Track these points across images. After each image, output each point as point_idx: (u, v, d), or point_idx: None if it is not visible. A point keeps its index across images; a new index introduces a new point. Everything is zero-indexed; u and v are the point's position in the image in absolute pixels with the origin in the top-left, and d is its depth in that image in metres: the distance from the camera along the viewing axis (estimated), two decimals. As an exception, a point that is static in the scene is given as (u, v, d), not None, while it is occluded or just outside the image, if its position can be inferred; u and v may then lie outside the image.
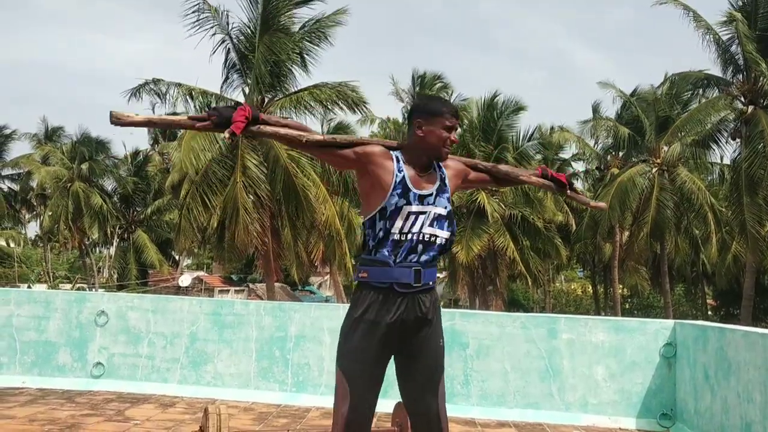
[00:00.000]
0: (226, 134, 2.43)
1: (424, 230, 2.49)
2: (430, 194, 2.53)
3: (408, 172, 2.52)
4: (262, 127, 2.54)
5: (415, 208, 2.49)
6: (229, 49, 17.61)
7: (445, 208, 2.56)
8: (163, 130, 35.97)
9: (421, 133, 2.53)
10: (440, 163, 2.63)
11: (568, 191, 3.02)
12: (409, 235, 2.46)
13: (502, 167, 2.97)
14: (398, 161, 2.53)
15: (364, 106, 18.05)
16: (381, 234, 2.46)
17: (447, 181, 2.61)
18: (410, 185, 2.50)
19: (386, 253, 2.46)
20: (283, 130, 2.57)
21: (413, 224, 2.48)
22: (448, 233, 2.55)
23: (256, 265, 32.59)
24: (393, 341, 2.50)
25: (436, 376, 2.58)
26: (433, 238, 2.51)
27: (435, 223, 2.52)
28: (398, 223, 2.46)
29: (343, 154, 2.55)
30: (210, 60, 21.50)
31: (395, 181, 2.48)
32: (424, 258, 2.49)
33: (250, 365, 5.98)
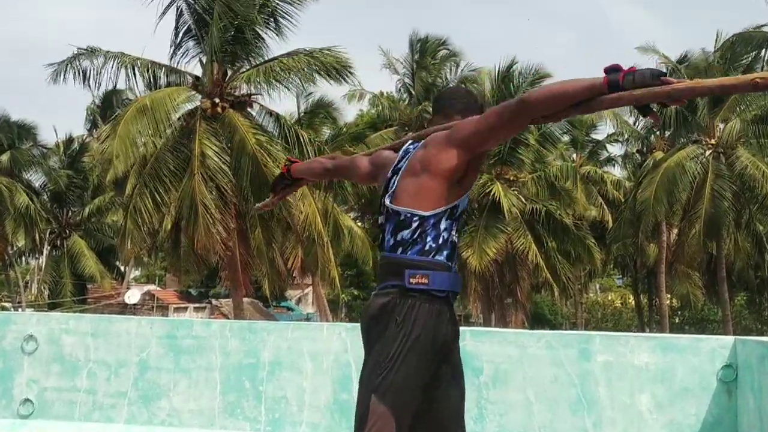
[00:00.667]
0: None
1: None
2: None
3: None
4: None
5: None
6: (181, 9, 17.59)
7: None
8: (102, 111, 35.87)
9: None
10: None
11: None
12: (457, 240, 2.71)
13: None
14: None
15: (349, 73, 17.99)
16: (445, 235, 2.62)
17: None
18: None
19: (444, 258, 2.62)
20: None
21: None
22: None
23: (220, 276, 32.62)
24: (435, 366, 2.59)
25: (463, 406, 2.70)
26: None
27: None
28: (456, 226, 2.70)
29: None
30: (157, 25, 21.41)
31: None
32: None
33: (213, 400, 5.97)
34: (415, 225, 2.60)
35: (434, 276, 2.54)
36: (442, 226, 2.60)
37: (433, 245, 2.58)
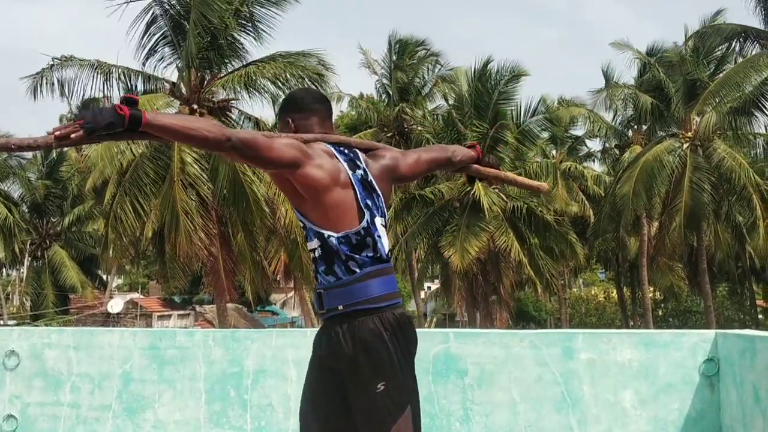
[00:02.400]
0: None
1: None
2: None
3: None
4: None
5: None
6: (156, 15, 17.49)
7: None
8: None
9: None
10: None
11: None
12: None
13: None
14: None
15: (326, 79, 17.97)
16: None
17: None
18: None
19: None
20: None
21: None
22: None
23: (203, 282, 32.45)
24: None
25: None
26: None
27: None
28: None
29: None
30: (133, 31, 21.22)
31: None
32: None
33: (198, 410, 5.94)
34: None
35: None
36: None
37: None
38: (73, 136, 2.30)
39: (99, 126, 2.30)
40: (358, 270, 2.64)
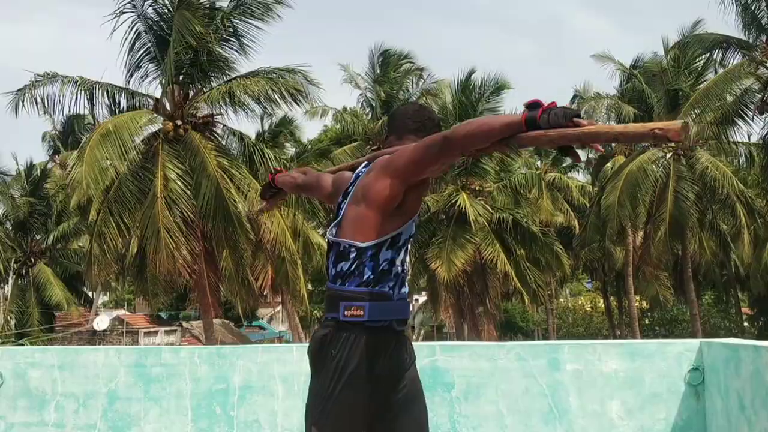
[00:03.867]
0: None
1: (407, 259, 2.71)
2: None
3: None
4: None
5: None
6: (139, 32, 17.48)
7: None
8: (64, 137, 35.55)
9: None
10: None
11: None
12: (403, 267, 2.67)
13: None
14: None
15: (308, 96, 17.96)
16: (385, 266, 2.59)
17: None
18: None
19: (387, 289, 2.60)
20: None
21: (407, 254, 2.71)
22: None
23: (190, 298, 32.30)
24: (379, 397, 2.57)
25: (422, 428, 2.67)
26: (408, 268, 2.74)
27: None
28: (402, 255, 2.65)
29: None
30: (117, 47, 21.32)
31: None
32: (405, 290, 2.70)
33: (185, 427, 5.91)
34: (353, 257, 2.58)
35: (371, 307, 2.52)
36: (383, 256, 2.57)
37: (372, 276, 2.55)
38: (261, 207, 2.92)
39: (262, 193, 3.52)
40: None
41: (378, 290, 2.55)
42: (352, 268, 2.57)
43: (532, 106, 2.26)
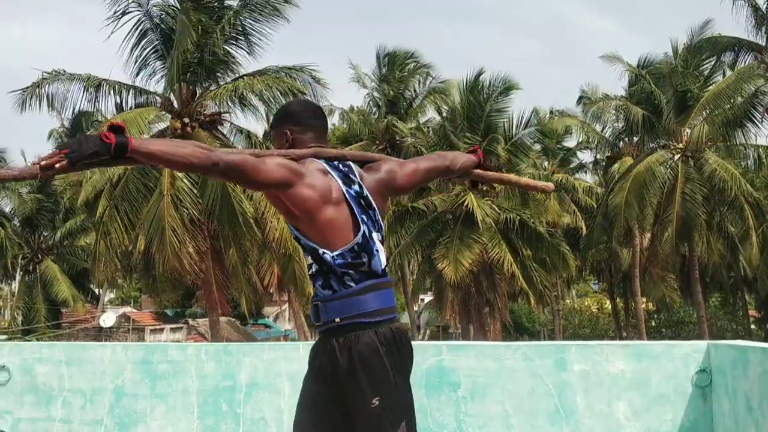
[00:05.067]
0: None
1: None
2: None
3: None
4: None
5: None
6: (146, 30, 17.51)
7: None
8: (72, 134, 35.59)
9: None
10: None
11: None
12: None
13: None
14: None
15: (308, 96, 17.96)
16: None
17: None
18: None
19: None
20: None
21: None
22: None
23: (196, 296, 32.35)
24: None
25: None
26: None
27: None
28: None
29: None
30: (123, 45, 21.28)
31: None
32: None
33: (191, 424, 5.92)
34: None
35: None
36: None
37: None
38: (57, 165, 2.27)
39: (84, 155, 2.26)
40: (353, 284, 2.63)
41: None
42: None
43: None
